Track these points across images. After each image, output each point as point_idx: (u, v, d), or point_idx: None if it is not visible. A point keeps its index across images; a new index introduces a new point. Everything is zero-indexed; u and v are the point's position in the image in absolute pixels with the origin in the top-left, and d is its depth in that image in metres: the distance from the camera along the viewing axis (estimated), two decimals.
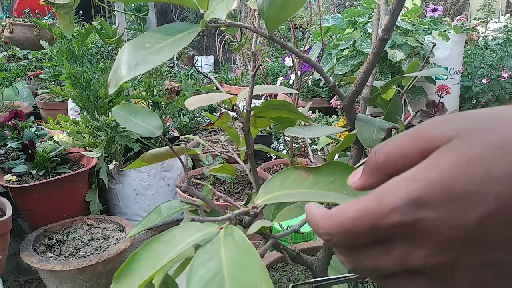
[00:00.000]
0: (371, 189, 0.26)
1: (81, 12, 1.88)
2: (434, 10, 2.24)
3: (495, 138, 0.21)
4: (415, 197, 0.21)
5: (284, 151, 2.05)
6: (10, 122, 1.67)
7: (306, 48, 2.01)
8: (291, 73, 2.77)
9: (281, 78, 2.89)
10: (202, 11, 0.32)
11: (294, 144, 1.86)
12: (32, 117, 1.99)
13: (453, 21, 2.54)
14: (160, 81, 1.72)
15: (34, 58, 3.05)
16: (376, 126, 0.44)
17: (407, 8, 2.10)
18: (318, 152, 2.00)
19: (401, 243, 0.23)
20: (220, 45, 5.03)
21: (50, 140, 1.66)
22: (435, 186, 0.21)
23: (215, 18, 0.31)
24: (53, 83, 2.60)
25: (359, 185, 0.27)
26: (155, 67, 1.72)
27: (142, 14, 1.59)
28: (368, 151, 0.51)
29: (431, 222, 0.21)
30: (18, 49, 2.89)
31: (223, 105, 0.48)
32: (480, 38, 2.79)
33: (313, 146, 1.99)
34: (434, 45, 0.79)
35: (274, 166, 1.79)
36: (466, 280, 0.22)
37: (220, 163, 1.52)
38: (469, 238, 0.21)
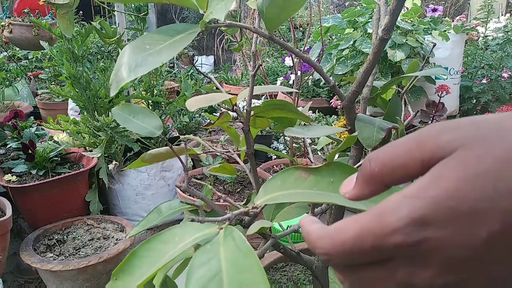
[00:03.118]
0: (366, 199, 0.25)
1: (81, 12, 1.88)
2: (434, 10, 2.24)
3: (501, 150, 0.20)
4: (418, 216, 0.20)
5: (284, 151, 2.05)
6: (10, 122, 1.67)
7: (306, 48, 2.01)
8: (291, 73, 2.77)
9: (281, 78, 2.89)
10: (201, 11, 0.32)
11: (294, 144, 1.86)
12: (32, 117, 1.99)
13: (453, 21, 2.54)
14: (160, 81, 1.72)
15: (34, 58, 3.05)
16: (376, 126, 0.44)
17: (407, 8, 2.10)
18: (318, 152, 2.00)
19: (404, 264, 0.22)
20: (220, 45, 5.03)
21: (50, 140, 1.66)
22: (439, 204, 0.20)
23: (214, 18, 0.31)
24: (53, 83, 2.60)
25: (353, 195, 0.26)
26: (156, 67, 1.72)
27: (142, 14, 1.59)
28: (368, 151, 0.51)
29: (436, 242, 0.20)
30: (18, 49, 2.89)
31: (223, 105, 0.48)
32: (480, 38, 2.78)
33: (313, 146, 1.99)
34: (434, 45, 0.79)
35: (274, 166, 1.79)
36: None
37: (220, 163, 1.52)
38: (475, 257, 0.20)
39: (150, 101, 1.71)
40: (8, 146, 1.61)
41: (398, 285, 0.22)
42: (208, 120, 2.43)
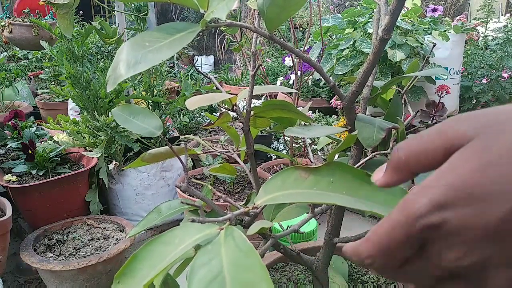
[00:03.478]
0: (395, 186, 0.27)
1: (81, 12, 1.88)
2: (434, 10, 2.23)
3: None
4: (437, 201, 0.22)
5: (284, 151, 2.05)
6: (10, 122, 1.67)
7: (306, 48, 2.01)
8: (291, 73, 2.77)
9: (281, 78, 2.89)
10: (202, 11, 0.32)
11: (294, 144, 1.86)
12: (32, 117, 1.99)
13: (453, 21, 2.54)
14: (160, 81, 1.72)
15: (34, 58, 3.05)
16: (376, 126, 0.44)
17: (407, 8, 2.10)
18: (318, 152, 2.00)
19: (434, 247, 0.23)
20: (220, 45, 5.03)
21: (50, 140, 1.66)
22: (456, 189, 0.22)
23: (215, 18, 0.31)
24: (53, 83, 2.60)
25: (383, 182, 0.28)
26: (155, 67, 1.72)
27: (142, 14, 1.59)
28: (368, 151, 0.51)
29: (456, 222, 0.22)
30: (18, 49, 2.89)
31: (223, 105, 0.48)
32: (480, 38, 2.78)
33: (313, 146, 1.99)
34: (434, 45, 0.79)
35: (274, 166, 1.79)
36: (500, 278, 0.22)
37: (220, 163, 1.52)
38: (495, 236, 0.21)
39: (150, 101, 1.71)
40: (8, 146, 1.61)
41: (436, 269, 0.24)
42: (208, 120, 2.43)
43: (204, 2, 0.32)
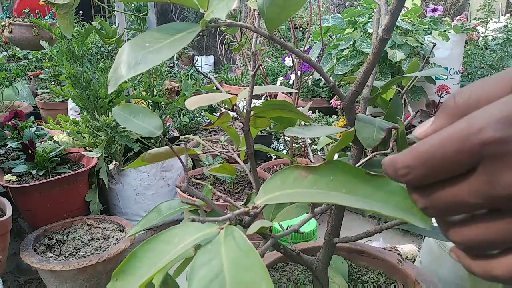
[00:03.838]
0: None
1: (81, 12, 1.88)
2: (434, 10, 2.24)
3: None
4: (509, 113, 0.20)
5: (284, 151, 2.05)
6: (10, 122, 1.67)
7: (306, 48, 2.01)
8: (291, 73, 2.77)
9: (281, 78, 2.89)
10: (202, 10, 0.32)
11: (294, 144, 1.86)
12: (32, 117, 1.99)
13: (453, 21, 2.54)
14: (160, 81, 1.72)
15: (34, 58, 3.05)
16: (376, 126, 0.44)
17: (407, 8, 2.10)
18: (318, 152, 2.00)
19: (488, 168, 0.20)
20: (220, 45, 5.03)
21: (50, 140, 1.66)
22: None
23: (215, 18, 0.31)
24: (53, 83, 2.60)
25: (431, 130, 0.24)
26: (155, 67, 1.72)
27: (142, 14, 1.59)
28: (368, 151, 0.51)
29: None
30: (18, 49, 2.90)
31: (223, 105, 0.48)
32: (480, 38, 2.79)
33: (313, 146, 1.99)
34: (434, 45, 0.79)
35: (274, 166, 1.79)
36: None
37: (220, 163, 1.52)
38: None
39: (150, 101, 1.71)
40: (8, 146, 1.61)
41: (477, 193, 0.21)
42: (208, 120, 2.43)
43: (204, 2, 0.32)
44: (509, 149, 0.20)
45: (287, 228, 0.54)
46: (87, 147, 1.61)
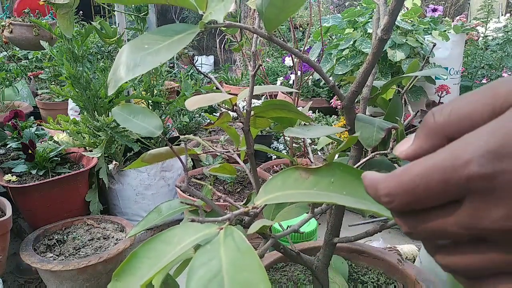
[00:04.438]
0: (424, 155, 0.23)
1: (81, 12, 1.88)
2: (434, 10, 2.23)
3: None
4: (495, 147, 0.19)
5: (284, 151, 2.05)
6: (10, 122, 1.67)
7: (306, 48, 2.01)
8: (291, 73, 2.77)
9: (281, 78, 2.89)
10: (201, 12, 0.32)
11: (294, 144, 1.86)
12: (32, 117, 1.99)
13: (453, 21, 2.54)
14: (160, 81, 1.72)
15: (34, 58, 3.05)
16: (376, 126, 0.44)
17: (407, 8, 2.10)
18: (318, 152, 2.00)
19: (473, 201, 0.20)
20: (220, 45, 5.03)
21: (50, 140, 1.66)
22: None
23: (213, 19, 0.31)
24: (53, 83, 2.60)
25: (411, 151, 0.24)
26: (155, 67, 1.72)
27: (142, 14, 1.59)
28: (368, 151, 0.51)
29: None
30: (18, 49, 2.90)
31: (223, 105, 0.48)
32: (480, 38, 2.79)
33: (313, 146, 1.99)
34: (434, 45, 0.79)
35: (274, 166, 1.79)
36: None
37: (220, 163, 1.52)
38: None
39: (150, 101, 1.71)
40: (8, 146, 1.61)
41: (461, 226, 0.21)
42: (208, 120, 2.43)
43: (203, 4, 0.32)
44: (495, 184, 0.19)
45: (287, 228, 0.54)
46: (87, 147, 1.61)
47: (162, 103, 1.71)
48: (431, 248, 0.24)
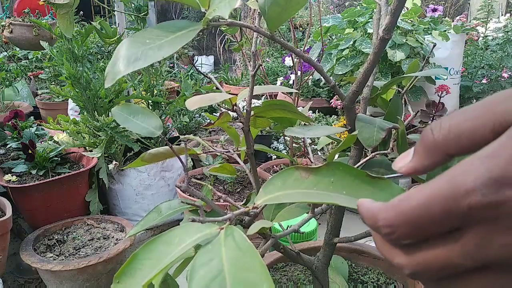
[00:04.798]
0: (424, 173, 0.24)
1: (81, 12, 1.88)
2: (434, 10, 2.23)
3: None
4: (498, 175, 0.19)
5: (284, 151, 2.05)
6: (10, 122, 1.67)
7: (306, 48, 2.01)
8: (291, 73, 2.77)
9: (281, 78, 2.89)
10: (203, 9, 0.32)
11: (294, 144, 1.86)
12: (32, 117, 1.99)
13: (453, 21, 2.54)
14: (160, 81, 1.72)
15: (34, 58, 3.05)
16: (377, 126, 0.44)
17: (407, 8, 2.10)
18: (318, 152, 2.00)
19: (478, 231, 0.20)
20: (220, 45, 5.03)
21: (50, 140, 1.66)
22: None
23: (217, 16, 0.30)
24: (53, 83, 2.60)
25: (411, 168, 0.24)
26: (155, 67, 1.72)
27: (142, 14, 1.59)
28: (368, 151, 0.51)
29: None
30: (18, 49, 2.89)
31: (223, 105, 0.48)
32: (480, 38, 2.79)
33: (313, 146, 1.98)
34: (434, 45, 0.79)
35: (274, 166, 1.79)
36: None
37: (220, 163, 1.52)
38: None
39: (150, 101, 1.71)
40: (8, 146, 1.61)
41: (467, 257, 0.20)
42: (208, 120, 2.43)
43: (205, 1, 0.32)
44: (498, 213, 0.19)
45: (287, 228, 0.54)
46: (87, 147, 1.61)
47: (162, 103, 1.71)
48: (432, 281, 0.23)
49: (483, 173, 0.19)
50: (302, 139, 1.68)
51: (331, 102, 2.09)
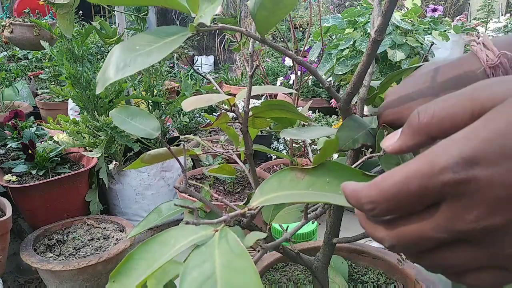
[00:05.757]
0: (409, 152, 0.26)
1: (81, 12, 1.88)
2: (434, 10, 2.23)
3: None
4: (468, 155, 0.20)
5: (284, 151, 2.05)
6: (10, 122, 1.67)
7: (306, 48, 2.01)
8: (291, 73, 2.77)
9: (281, 78, 2.89)
10: (193, 15, 0.32)
11: (294, 144, 1.86)
12: (32, 117, 1.99)
13: (453, 21, 2.54)
14: (160, 81, 1.72)
15: (34, 58, 3.05)
16: (361, 133, 0.44)
17: (407, 8, 2.10)
18: (318, 152, 2.00)
19: (450, 206, 0.22)
20: (220, 45, 5.03)
21: (50, 140, 1.66)
22: (490, 144, 0.20)
23: (200, 23, 0.31)
24: (53, 83, 2.60)
25: (397, 147, 0.26)
26: (155, 67, 1.72)
27: (142, 14, 1.60)
28: (367, 151, 0.51)
29: (485, 181, 0.20)
30: (18, 49, 2.90)
31: (223, 105, 0.48)
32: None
33: (313, 146, 1.99)
34: (432, 43, 0.79)
35: (274, 166, 1.79)
36: None
37: (220, 163, 1.52)
38: None
39: (150, 101, 1.71)
40: (8, 146, 1.61)
41: (441, 230, 0.22)
42: (208, 120, 2.43)
43: (196, 6, 0.32)
44: (468, 189, 0.21)
45: (287, 228, 0.54)
46: (87, 147, 1.61)
47: (162, 103, 1.72)
48: (412, 254, 0.25)
49: (455, 153, 0.21)
50: (302, 139, 1.68)
51: (331, 102, 2.09)
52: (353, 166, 0.45)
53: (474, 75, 0.36)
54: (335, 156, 1.07)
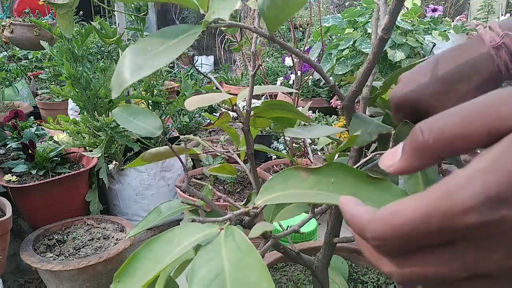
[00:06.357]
0: (412, 173, 0.23)
1: (81, 12, 1.88)
2: (434, 10, 2.23)
3: None
4: (495, 192, 0.18)
5: (284, 151, 2.05)
6: (10, 122, 1.67)
7: (306, 48, 2.01)
8: (291, 73, 2.77)
9: (281, 78, 2.89)
10: (202, 11, 0.32)
11: (294, 144, 1.86)
12: (32, 117, 1.99)
13: (453, 21, 2.54)
14: (160, 81, 1.72)
15: (34, 58, 3.05)
16: (370, 128, 0.44)
17: (407, 8, 2.10)
18: (318, 152, 2.00)
19: (473, 246, 0.20)
20: (220, 45, 5.03)
21: (50, 140, 1.66)
22: None
23: (216, 18, 0.31)
24: (53, 83, 2.60)
25: (399, 168, 0.23)
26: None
27: (142, 14, 1.59)
28: (367, 151, 0.51)
29: None
30: (18, 49, 2.90)
31: (223, 105, 0.48)
32: None
33: (313, 146, 1.98)
34: (434, 45, 0.79)
35: (274, 166, 1.79)
36: None
37: (220, 163, 1.52)
38: None
39: (150, 101, 1.71)
40: (8, 146, 1.61)
41: (462, 270, 0.20)
42: (208, 120, 2.43)
43: (204, 3, 0.32)
44: (495, 230, 0.19)
45: (287, 228, 0.54)
46: (87, 147, 1.61)
47: (162, 103, 1.72)
48: (425, 287, 0.23)
49: (481, 191, 0.18)
50: (302, 139, 1.68)
51: (331, 102, 2.09)
52: (355, 166, 0.45)
53: (481, 57, 0.36)
54: (336, 156, 1.07)
